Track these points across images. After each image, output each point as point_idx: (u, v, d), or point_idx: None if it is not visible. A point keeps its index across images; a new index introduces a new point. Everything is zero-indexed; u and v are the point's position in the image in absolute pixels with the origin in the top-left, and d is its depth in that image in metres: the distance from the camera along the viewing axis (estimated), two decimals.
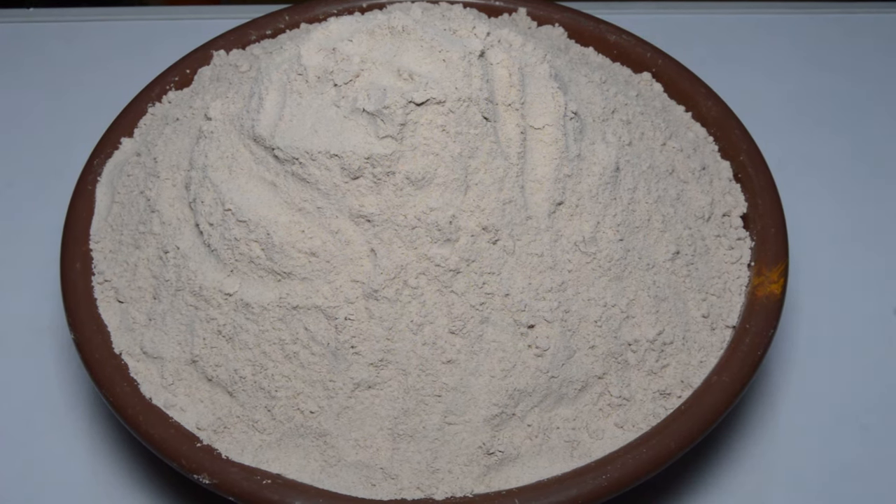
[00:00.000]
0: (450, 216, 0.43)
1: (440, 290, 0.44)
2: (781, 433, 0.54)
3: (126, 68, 0.71)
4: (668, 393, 0.46)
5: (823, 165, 0.66)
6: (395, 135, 0.43)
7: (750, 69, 0.72)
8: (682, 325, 0.47)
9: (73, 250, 0.50)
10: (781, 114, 0.69)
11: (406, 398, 0.44)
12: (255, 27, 0.59)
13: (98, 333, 0.47)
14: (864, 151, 0.67)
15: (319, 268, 0.44)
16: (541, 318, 0.44)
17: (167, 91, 0.57)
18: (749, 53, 0.73)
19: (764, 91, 0.71)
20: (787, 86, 0.71)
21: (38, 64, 0.72)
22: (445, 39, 0.45)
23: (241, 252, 0.45)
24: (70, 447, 0.53)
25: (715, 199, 0.52)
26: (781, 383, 0.56)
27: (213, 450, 0.44)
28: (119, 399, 0.45)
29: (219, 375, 0.45)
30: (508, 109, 0.45)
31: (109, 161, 0.54)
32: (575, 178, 0.46)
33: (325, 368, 0.44)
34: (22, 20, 0.75)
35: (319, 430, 0.44)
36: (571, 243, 0.46)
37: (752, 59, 0.73)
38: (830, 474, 0.53)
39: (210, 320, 0.45)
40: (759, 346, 0.47)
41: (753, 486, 0.52)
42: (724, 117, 0.55)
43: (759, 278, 0.49)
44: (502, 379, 0.44)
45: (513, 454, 0.44)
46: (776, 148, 0.63)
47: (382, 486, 0.44)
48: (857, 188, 0.65)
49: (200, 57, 0.58)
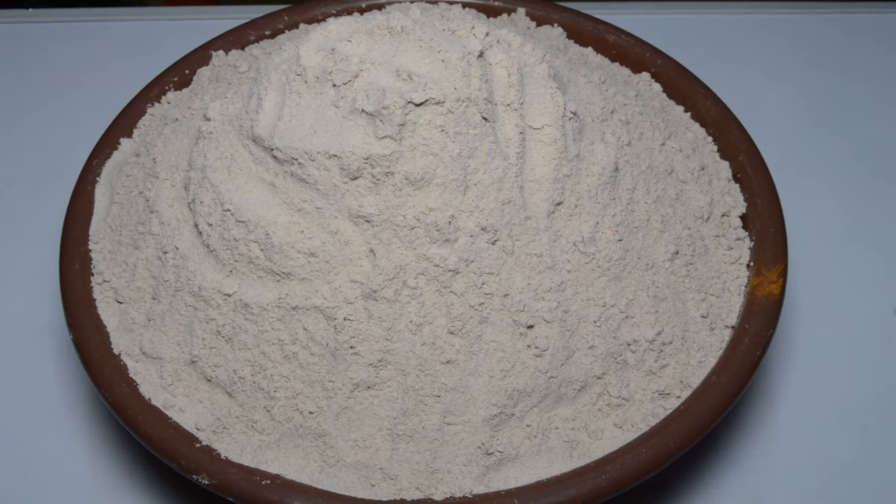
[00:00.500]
0: (449, 216, 0.43)
1: (439, 291, 0.44)
2: (781, 433, 0.54)
3: (125, 69, 0.71)
4: (667, 393, 0.46)
5: (823, 165, 0.66)
6: (394, 135, 0.43)
7: (749, 69, 0.72)
8: (682, 326, 0.47)
9: (73, 251, 0.50)
10: (781, 114, 0.69)
11: (405, 398, 0.44)
12: (253, 28, 0.59)
13: (97, 334, 0.47)
14: (863, 152, 0.67)
15: (318, 268, 0.44)
16: (540, 318, 0.44)
17: (166, 91, 0.57)
18: (749, 53, 0.73)
19: (763, 91, 0.71)
20: (787, 86, 0.71)
21: (37, 64, 0.72)
22: (444, 40, 0.45)
23: (241, 252, 0.45)
24: (69, 448, 0.53)
25: (714, 199, 0.52)
26: (780, 383, 0.56)
27: (213, 450, 0.44)
28: (118, 399, 0.45)
29: (218, 376, 0.45)
30: (507, 110, 0.45)
31: (108, 161, 0.54)
32: (574, 178, 0.46)
33: (324, 369, 0.44)
34: (21, 21, 0.75)
35: (318, 430, 0.44)
36: (570, 243, 0.46)
37: (752, 59, 0.73)
38: (830, 474, 0.53)
39: (209, 321, 0.45)
40: (758, 346, 0.47)
41: (753, 486, 0.52)
42: (723, 117, 0.55)
43: (758, 278, 0.49)
44: (501, 379, 0.44)
45: (512, 454, 0.44)
46: (775, 148, 0.63)
47: (382, 486, 0.44)
48: (856, 188, 0.65)
49: (199, 57, 0.58)
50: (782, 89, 0.71)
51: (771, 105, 0.70)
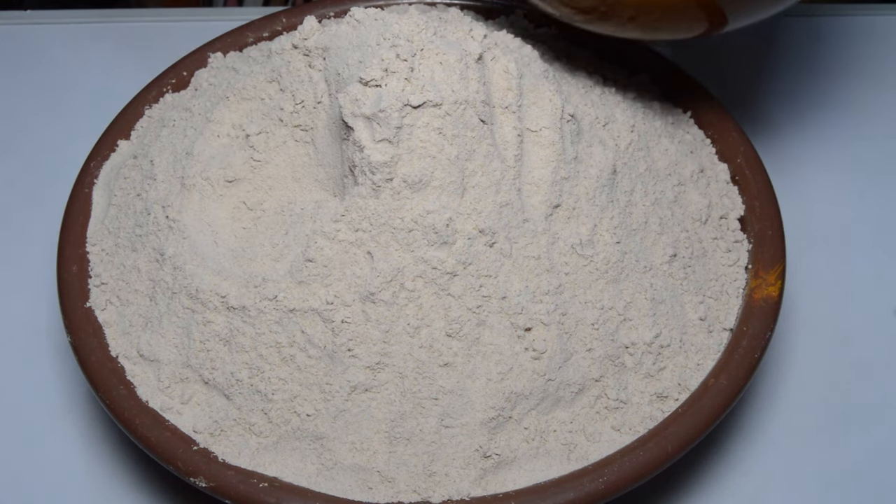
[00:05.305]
0: (446, 219, 0.43)
1: (437, 293, 0.44)
2: (779, 436, 0.54)
3: (123, 70, 0.70)
4: (665, 396, 0.46)
5: (822, 167, 0.66)
6: (391, 138, 0.43)
7: (749, 69, 0.72)
8: (680, 328, 0.47)
9: (70, 253, 0.50)
10: (780, 115, 0.69)
11: (403, 401, 0.44)
12: (251, 29, 0.59)
13: (94, 336, 0.47)
14: (863, 152, 0.67)
15: (316, 271, 0.44)
16: (538, 320, 0.44)
17: (164, 93, 0.56)
18: (748, 53, 0.73)
19: (763, 91, 0.70)
20: (787, 86, 0.71)
21: (34, 66, 0.72)
22: (442, 42, 0.45)
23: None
24: (66, 450, 0.53)
25: (712, 201, 0.52)
26: (779, 386, 0.56)
27: (210, 453, 0.44)
28: (115, 402, 0.45)
29: (215, 378, 0.45)
30: (505, 112, 0.45)
31: (106, 163, 0.54)
32: (572, 180, 0.46)
33: (321, 371, 0.44)
34: (18, 22, 0.74)
35: (316, 432, 0.44)
36: (568, 246, 0.45)
37: (752, 59, 0.73)
38: (830, 475, 0.53)
39: (206, 323, 0.45)
40: (756, 348, 0.47)
41: (751, 488, 0.52)
42: (722, 119, 0.55)
43: (757, 280, 0.49)
44: (499, 382, 0.44)
45: (510, 457, 0.44)
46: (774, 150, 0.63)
47: (379, 489, 0.43)
48: (855, 189, 0.65)
49: (197, 59, 0.58)
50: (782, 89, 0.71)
51: (770, 106, 0.70)
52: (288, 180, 0.48)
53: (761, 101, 0.70)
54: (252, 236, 0.47)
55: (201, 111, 0.52)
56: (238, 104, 0.50)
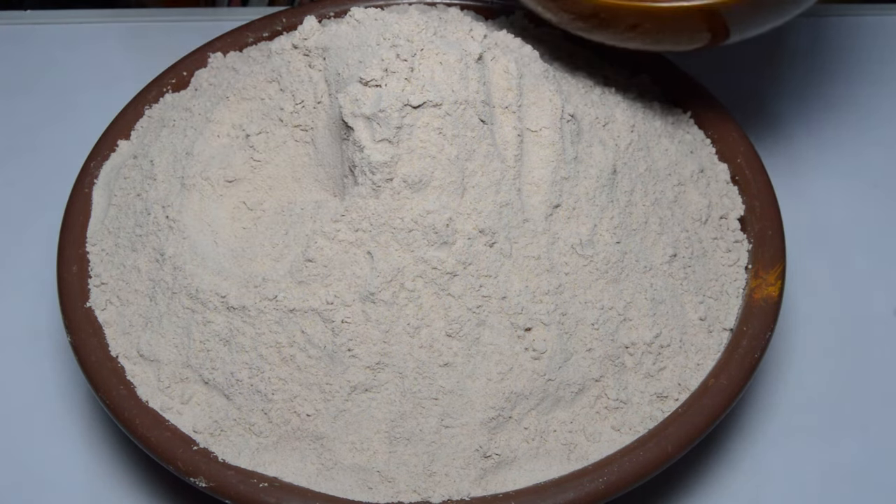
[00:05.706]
0: (446, 219, 0.43)
1: (437, 293, 0.44)
2: (779, 435, 0.54)
3: (122, 70, 0.70)
4: (665, 396, 0.46)
5: (822, 167, 0.66)
6: (391, 138, 0.43)
7: (749, 69, 0.72)
8: (679, 328, 0.47)
9: (70, 253, 0.50)
10: (780, 115, 0.69)
11: (403, 401, 0.44)
12: (252, 29, 0.59)
13: (94, 336, 0.47)
14: (862, 152, 0.67)
15: (316, 271, 0.44)
16: (538, 320, 0.44)
17: (164, 93, 0.56)
18: (748, 54, 0.73)
19: (763, 91, 0.70)
20: (787, 86, 0.71)
21: (34, 66, 0.72)
22: (442, 42, 0.45)
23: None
24: (66, 450, 0.53)
25: (712, 201, 0.52)
26: (779, 386, 0.56)
27: (210, 453, 0.44)
28: (115, 402, 0.45)
29: (215, 378, 0.45)
30: (505, 112, 0.45)
31: (106, 163, 0.54)
32: (572, 180, 0.46)
33: (321, 371, 0.44)
34: (18, 22, 0.75)
35: (316, 433, 0.44)
36: (568, 246, 0.45)
37: (752, 60, 0.73)
38: (829, 477, 0.53)
39: (206, 323, 0.45)
40: (756, 348, 0.46)
41: (752, 488, 0.52)
42: (722, 119, 0.55)
43: (757, 280, 0.49)
44: (499, 382, 0.44)
45: (510, 457, 0.44)
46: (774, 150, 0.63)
47: (379, 489, 0.43)
48: (855, 189, 0.65)
49: (197, 59, 0.58)
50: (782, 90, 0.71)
51: (770, 106, 0.70)
52: (288, 180, 0.48)
53: (761, 102, 0.70)
54: (252, 236, 0.47)
55: (201, 111, 0.52)
56: (238, 104, 0.50)
